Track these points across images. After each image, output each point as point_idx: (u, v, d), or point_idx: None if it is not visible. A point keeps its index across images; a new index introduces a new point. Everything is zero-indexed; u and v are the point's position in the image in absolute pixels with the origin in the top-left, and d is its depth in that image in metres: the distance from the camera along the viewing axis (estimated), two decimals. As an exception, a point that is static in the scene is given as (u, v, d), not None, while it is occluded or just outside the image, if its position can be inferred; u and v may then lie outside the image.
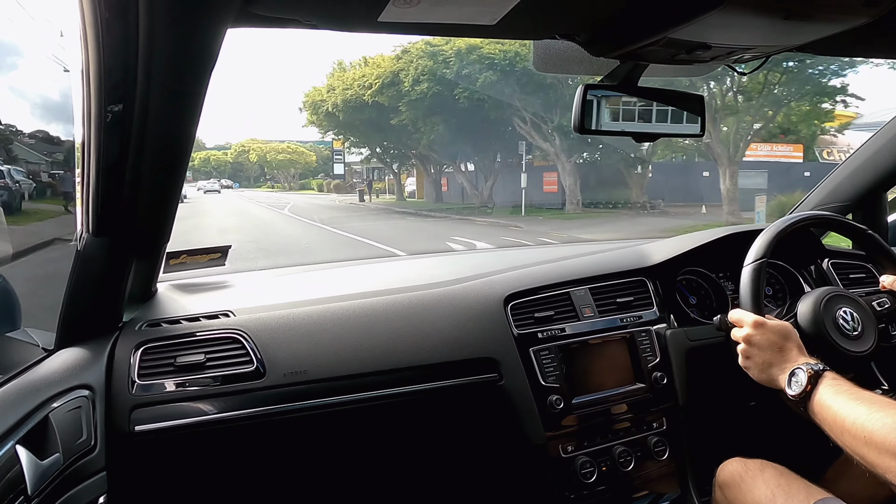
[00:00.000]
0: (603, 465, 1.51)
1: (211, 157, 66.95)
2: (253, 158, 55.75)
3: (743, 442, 1.41)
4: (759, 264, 1.33)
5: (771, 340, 1.19)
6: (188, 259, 1.61)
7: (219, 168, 65.55)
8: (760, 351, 1.19)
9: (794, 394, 1.10)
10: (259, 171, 62.77)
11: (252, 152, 55.66)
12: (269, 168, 56.91)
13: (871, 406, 0.98)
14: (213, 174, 63.57)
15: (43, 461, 0.97)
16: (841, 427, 1.00)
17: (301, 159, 54.13)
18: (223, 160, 65.77)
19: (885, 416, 0.95)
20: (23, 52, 1.49)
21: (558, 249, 2.47)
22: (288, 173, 55.61)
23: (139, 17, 0.83)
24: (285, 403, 1.31)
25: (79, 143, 1.03)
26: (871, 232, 1.46)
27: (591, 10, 1.01)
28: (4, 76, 1.51)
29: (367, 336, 1.41)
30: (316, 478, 1.51)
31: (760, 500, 1.18)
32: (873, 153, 1.91)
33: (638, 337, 1.58)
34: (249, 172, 64.61)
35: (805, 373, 1.09)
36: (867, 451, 0.96)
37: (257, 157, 55.02)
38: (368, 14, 0.94)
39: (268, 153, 53.78)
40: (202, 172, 63.58)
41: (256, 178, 65.35)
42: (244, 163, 60.20)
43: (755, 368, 1.20)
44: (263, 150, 54.64)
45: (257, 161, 55.89)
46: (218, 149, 70.18)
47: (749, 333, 1.21)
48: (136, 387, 1.24)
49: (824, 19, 0.95)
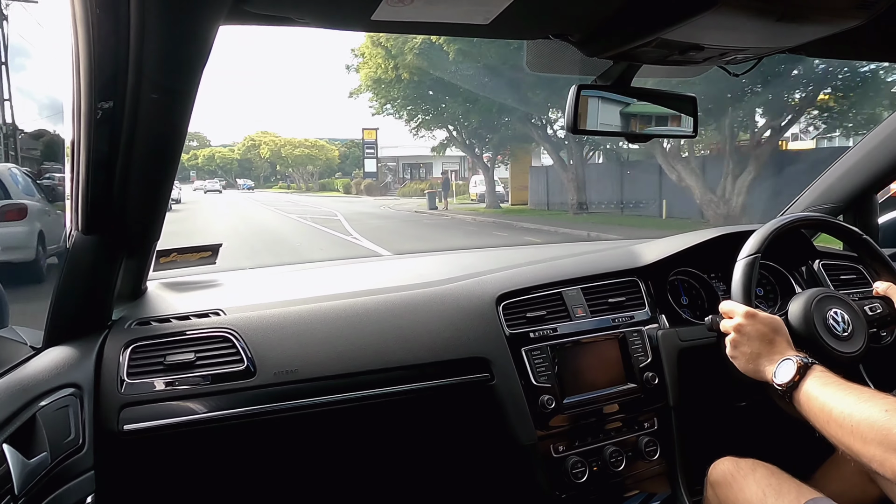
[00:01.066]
0: (594, 465, 1.51)
1: (216, 153, 59.92)
2: (264, 153, 49.74)
3: (734, 442, 1.41)
4: (753, 259, 1.34)
5: (761, 332, 1.19)
6: (178, 257, 1.60)
7: (224, 166, 59.31)
8: (749, 341, 1.19)
9: (781, 383, 1.10)
10: (270, 169, 57.03)
11: (264, 146, 49.56)
12: (283, 165, 51.22)
13: (858, 397, 0.99)
14: (219, 173, 57.69)
15: (30, 460, 0.96)
16: (827, 417, 1.01)
17: (321, 154, 48.27)
18: (229, 157, 59.18)
19: (872, 406, 0.95)
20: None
21: (550, 249, 2.48)
22: (305, 171, 49.56)
23: (130, 13, 0.83)
24: (275, 403, 1.30)
25: (69, 141, 1.02)
26: (866, 236, 1.47)
27: (584, 11, 1.01)
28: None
29: (358, 335, 1.41)
30: (306, 477, 1.51)
31: (751, 499, 1.19)
32: (864, 155, 1.92)
33: (630, 337, 1.59)
34: (259, 171, 58.39)
35: (794, 363, 1.09)
36: (852, 440, 0.96)
37: (269, 153, 49.11)
38: (361, 12, 0.93)
39: (282, 147, 48.10)
40: (206, 171, 58.51)
41: (267, 177, 59.29)
42: (253, 159, 54.44)
43: (742, 358, 1.20)
44: (277, 143, 48.74)
45: (269, 157, 50.13)
46: (224, 147, 63.20)
47: (740, 323, 1.21)
48: (125, 385, 1.23)
49: (817, 21, 0.95)
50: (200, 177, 56.43)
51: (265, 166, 56.12)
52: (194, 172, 58.86)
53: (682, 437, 1.58)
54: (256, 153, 51.88)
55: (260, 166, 56.69)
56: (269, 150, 48.99)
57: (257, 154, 51.76)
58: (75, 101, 0.96)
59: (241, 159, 57.15)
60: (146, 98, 0.95)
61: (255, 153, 52.53)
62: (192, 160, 58.22)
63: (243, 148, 55.41)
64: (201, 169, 59.26)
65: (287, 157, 48.41)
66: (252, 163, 56.12)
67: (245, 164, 57.88)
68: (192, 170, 59.44)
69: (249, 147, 53.55)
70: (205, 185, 46.48)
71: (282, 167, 52.55)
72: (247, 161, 56.46)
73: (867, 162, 1.92)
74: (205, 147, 61.86)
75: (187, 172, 57.22)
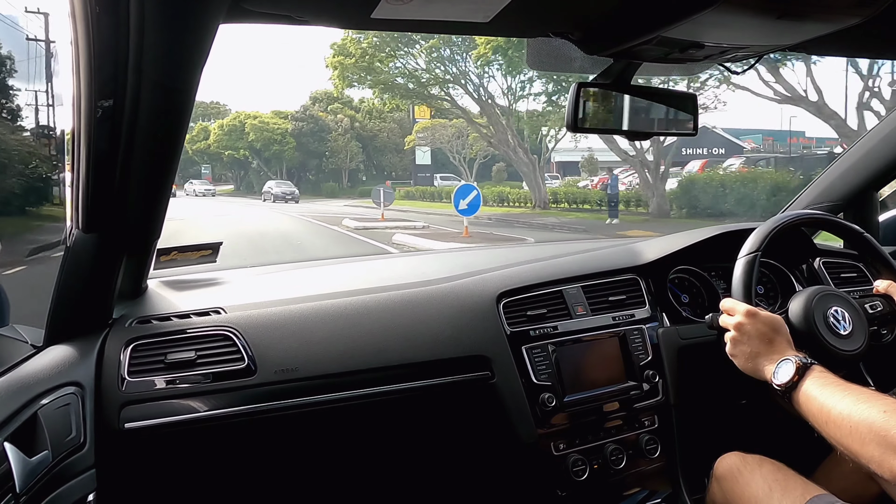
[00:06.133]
0: (595, 463, 1.51)
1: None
2: (252, 138, 35.79)
3: (734, 440, 1.42)
4: (753, 256, 1.34)
5: (761, 331, 1.19)
6: (179, 256, 1.60)
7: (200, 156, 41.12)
8: (749, 340, 1.19)
9: (780, 383, 1.10)
10: (237, 163, 40.76)
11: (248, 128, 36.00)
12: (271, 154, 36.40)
13: (857, 397, 0.99)
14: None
15: (31, 458, 0.96)
16: (826, 418, 1.01)
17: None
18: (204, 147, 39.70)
19: (870, 406, 0.96)
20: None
21: (551, 247, 2.48)
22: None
23: (130, 12, 0.83)
24: (276, 401, 1.30)
25: (69, 138, 1.02)
26: (867, 234, 1.47)
27: (584, 9, 1.01)
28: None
29: (359, 333, 1.41)
30: (308, 475, 1.51)
31: (758, 493, 1.19)
32: (865, 153, 1.92)
33: (630, 335, 1.59)
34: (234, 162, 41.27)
35: (794, 364, 1.10)
36: (851, 441, 0.96)
37: (255, 136, 35.53)
38: (361, 10, 0.93)
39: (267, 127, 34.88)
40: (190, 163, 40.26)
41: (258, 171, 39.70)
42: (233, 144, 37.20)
43: (741, 357, 1.21)
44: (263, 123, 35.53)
45: (255, 141, 36.00)
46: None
47: (740, 321, 1.21)
48: (126, 384, 1.23)
49: (817, 19, 0.95)
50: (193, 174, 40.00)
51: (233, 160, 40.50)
52: (207, 169, 42.61)
53: (682, 435, 1.58)
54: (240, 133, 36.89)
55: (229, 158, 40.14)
56: (254, 132, 35.73)
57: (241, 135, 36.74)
58: (75, 98, 0.96)
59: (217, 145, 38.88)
60: (146, 96, 0.95)
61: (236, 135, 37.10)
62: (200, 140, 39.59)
63: (227, 127, 38.28)
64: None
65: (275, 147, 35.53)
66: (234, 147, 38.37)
67: (215, 157, 40.97)
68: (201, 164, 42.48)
69: (230, 131, 37.62)
70: (196, 188, 34.74)
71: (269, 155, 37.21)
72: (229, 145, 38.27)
73: (867, 159, 1.92)
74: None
75: (198, 168, 42.01)
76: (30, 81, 1.98)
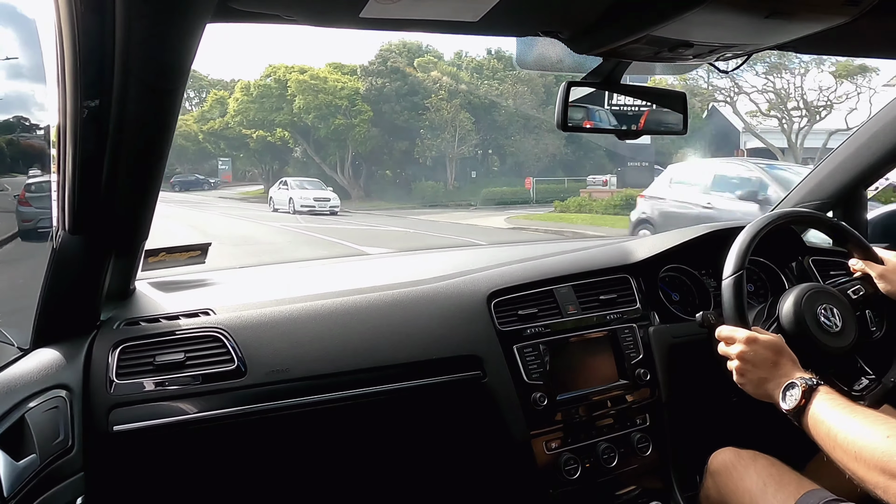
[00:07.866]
0: (587, 462, 1.52)
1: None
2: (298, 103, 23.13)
3: (725, 437, 1.42)
4: (738, 277, 1.30)
5: (764, 357, 1.17)
6: (167, 257, 1.58)
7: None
8: (755, 368, 1.17)
9: (788, 408, 1.08)
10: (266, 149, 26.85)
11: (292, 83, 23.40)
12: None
13: (863, 421, 0.98)
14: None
15: (19, 462, 0.95)
16: (833, 442, 1.00)
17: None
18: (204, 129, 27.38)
19: (873, 431, 0.95)
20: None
21: (542, 247, 2.48)
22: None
23: (116, 11, 0.82)
24: (267, 402, 1.30)
25: (54, 139, 1.01)
26: (839, 221, 1.46)
27: (574, 8, 1.01)
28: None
29: (349, 334, 1.40)
30: (299, 477, 1.50)
31: (752, 488, 1.19)
32: (854, 150, 1.93)
33: (621, 334, 1.59)
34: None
35: (800, 387, 1.08)
36: (857, 466, 0.95)
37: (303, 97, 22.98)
38: (350, 10, 0.93)
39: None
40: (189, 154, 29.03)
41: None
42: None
43: (750, 385, 1.18)
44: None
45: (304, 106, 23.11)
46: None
47: (742, 350, 1.18)
48: (115, 386, 1.22)
49: (805, 18, 0.96)
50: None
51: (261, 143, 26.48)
52: (226, 164, 29.75)
53: (674, 433, 1.59)
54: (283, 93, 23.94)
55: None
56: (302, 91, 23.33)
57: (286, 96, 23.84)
58: (61, 99, 0.95)
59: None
60: (133, 96, 0.94)
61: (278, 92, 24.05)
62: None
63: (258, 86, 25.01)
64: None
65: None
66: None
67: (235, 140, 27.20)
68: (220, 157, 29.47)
69: (262, 96, 24.55)
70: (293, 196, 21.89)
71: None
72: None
73: (856, 158, 1.93)
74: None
75: (213, 163, 30.03)
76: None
